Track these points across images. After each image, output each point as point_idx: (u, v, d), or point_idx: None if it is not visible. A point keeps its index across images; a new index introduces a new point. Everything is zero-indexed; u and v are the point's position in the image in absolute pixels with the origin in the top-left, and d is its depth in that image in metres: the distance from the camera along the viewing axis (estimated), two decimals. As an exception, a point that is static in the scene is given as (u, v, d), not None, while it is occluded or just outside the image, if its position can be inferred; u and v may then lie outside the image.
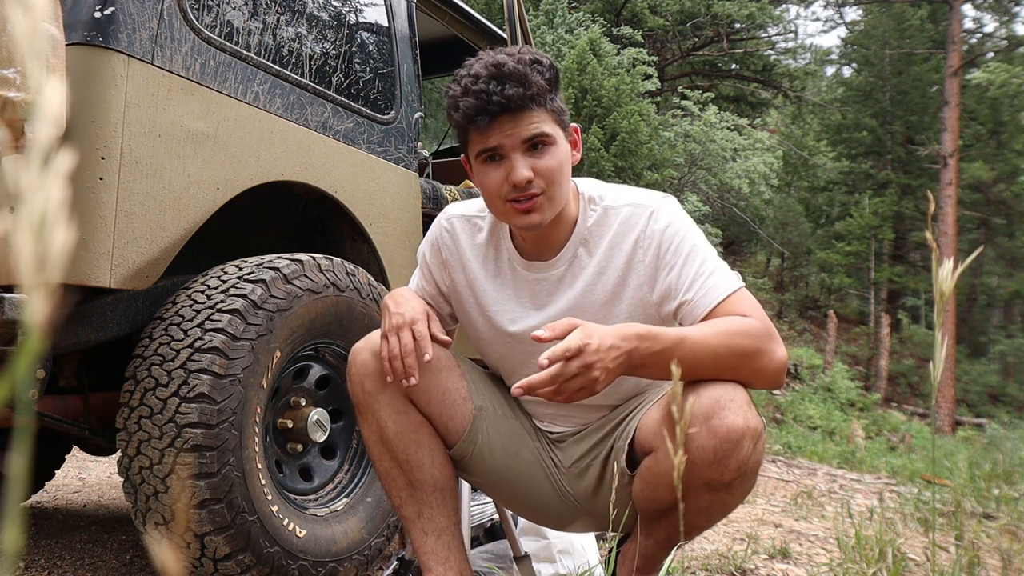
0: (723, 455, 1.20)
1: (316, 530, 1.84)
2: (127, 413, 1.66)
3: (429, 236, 1.59)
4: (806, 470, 6.97)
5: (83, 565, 2.02)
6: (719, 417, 1.20)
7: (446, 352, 1.51)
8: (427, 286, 1.59)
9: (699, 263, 1.33)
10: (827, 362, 16.26)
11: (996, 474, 4.92)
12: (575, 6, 12.95)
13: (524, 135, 1.30)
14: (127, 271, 1.67)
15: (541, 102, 1.31)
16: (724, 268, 1.33)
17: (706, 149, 11.52)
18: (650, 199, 1.40)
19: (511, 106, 1.28)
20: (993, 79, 15.17)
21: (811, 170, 21.61)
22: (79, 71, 1.61)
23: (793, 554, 2.70)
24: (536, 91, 1.29)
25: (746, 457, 1.22)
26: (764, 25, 16.80)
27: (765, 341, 1.26)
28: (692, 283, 1.32)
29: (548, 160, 1.32)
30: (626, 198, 1.42)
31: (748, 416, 1.22)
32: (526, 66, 1.30)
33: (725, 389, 1.23)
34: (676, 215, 1.38)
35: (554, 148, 1.33)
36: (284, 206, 2.39)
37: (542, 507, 1.55)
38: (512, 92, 1.27)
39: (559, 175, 1.33)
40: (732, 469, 1.21)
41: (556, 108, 1.35)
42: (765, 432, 1.29)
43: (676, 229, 1.35)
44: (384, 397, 1.42)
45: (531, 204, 1.33)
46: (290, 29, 2.11)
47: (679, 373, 0.87)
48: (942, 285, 0.82)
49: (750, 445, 1.22)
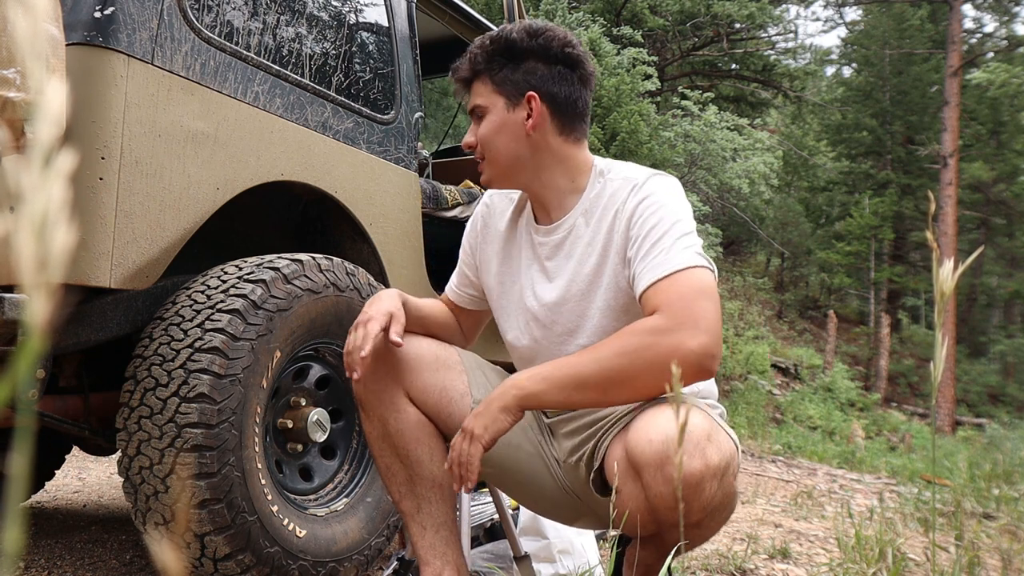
0: (683, 500, 1.16)
1: (316, 530, 1.84)
2: (127, 413, 1.66)
3: (471, 218, 1.68)
4: (806, 470, 6.97)
5: (83, 565, 2.02)
6: (672, 464, 1.15)
7: (448, 349, 1.52)
8: (466, 264, 1.65)
9: (657, 237, 1.29)
10: (827, 362, 16.25)
11: (996, 474, 4.92)
12: (575, 6, 12.95)
13: (469, 106, 1.47)
14: (127, 271, 1.67)
15: (479, 74, 1.44)
16: (681, 247, 1.27)
17: (706, 149, 11.52)
18: (641, 174, 1.40)
19: (458, 77, 1.47)
20: (993, 79, 15.16)
21: (811, 170, 21.59)
22: (79, 71, 1.61)
23: (793, 554, 2.70)
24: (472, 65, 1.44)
25: (710, 497, 1.17)
26: (764, 25, 16.78)
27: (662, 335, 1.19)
28: (644, 257, 1.29)
29: (483, 127, 1.45)
30: (623, 172, 1.43)
31: (707, 455, 1.16)
32: (482, 40, 1.45)
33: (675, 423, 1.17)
34: (658, 190, 1.35)
35: (488, 117, 1.43)
36: (284, 206, 2.39)
37: (547, 500, 1.55)
38: (459, 68, 1.46)
39: (488, 142, 1.44)
40: (696, 511, 1.18)
41: (499, 79, 1.42)
42: (736, 455, 1.24)
43: (651, 202, 1.34)
44: (386, 395, 1.45)
45: (480, 166, 1.48)
46: (290, 29, 2.11)
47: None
48: (942, 285, 0.82)
49: (713, 484, 1.17)
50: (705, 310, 1.20)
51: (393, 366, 1.45)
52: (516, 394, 1.28)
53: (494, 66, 1.42)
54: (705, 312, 1.20)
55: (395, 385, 1.45)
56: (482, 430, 1.28)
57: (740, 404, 11.42)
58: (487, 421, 1.29)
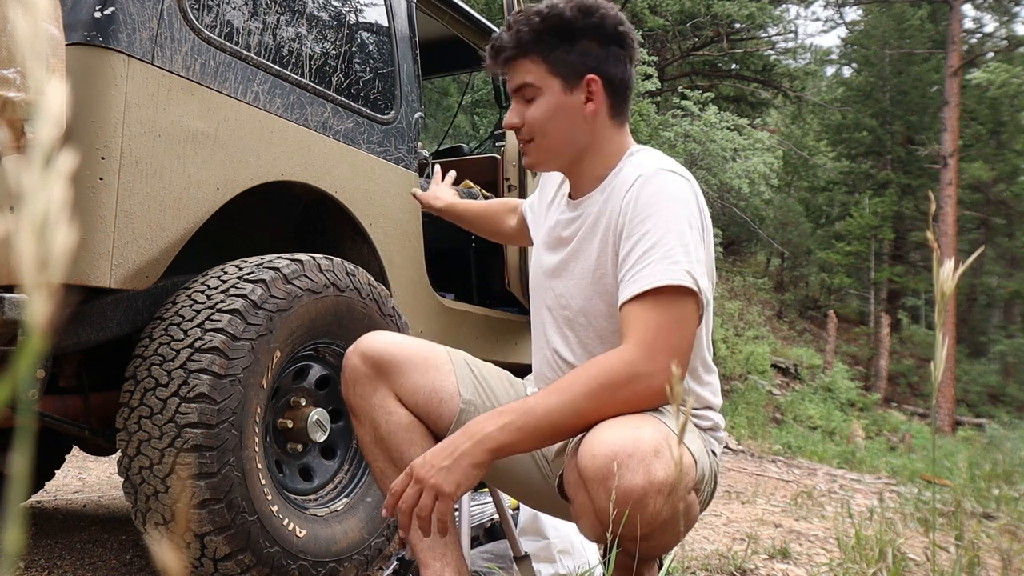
0: (627, 516, 1.12)
1: (316, 530, 1.84)
2: (127, 413, 1.66)
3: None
4: (806, 470, 6.97)
5: (83, 565, 2.02)
6: (613, 478, 1.12)
7: (437, 349, 1.52)
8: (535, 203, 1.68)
9: (648, 246, 1.26)
10: (827, 362, 16.25)
11: (996, 474, 4.92)
12: (575, 6, 12.93)
13: (512, 85, 1.40)
14: (127, 271, 1.67)
15: (526, 53, 1.35)
16: (667, 263, 1.23)
17: (706, 149, 11.51)
18: (652, 164, 1.35)
19: (501, 55, 1.37)
20: (993, 79, 15.16)
21: (811, 170, 21.59)
22: (79, 71, 1.61)
23: (793, 554, 2.70)
24: (514, 42, 1.35)
25: (655, 512, 1.13)
26: (764, 25, 16.77)
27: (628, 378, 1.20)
28: (631, 267, 1.27)
29: (532, 110, 1.38)
30: (640, 157, 1.39)
31: (652, 469, 1.12)
32: (529, 16, 1.35)
33: (623, 441, 1.14)
34: (663, 188, 1.30)
35: (541, 99, 1.36)
36: (284, 206, 2.39)
37: (540, 497, 1.55)
38: (503, 42, 1.37)
39: (544, 126, 1.37)
40: (642, 526, 1.14)
41: (555, 58, 1.34)
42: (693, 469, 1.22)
43: (654, 201, 1.29)
44: (375, 399, 1.45)
45: (524, 147, 1.42)
46: (290, 29, 2.11)
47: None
48: (942, 285, 0.82)
49: (658, 500, 1.12)
50: (676, 345, 1.22)
51: (381, 369, 1.45)
52: (489, 448, 1.21)
53: (546, 45, 1.34)
54: (676, 347, 1.22)
55: (384, 388, 1.45)
56: (454, 487, 1.20)
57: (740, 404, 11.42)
58: (459, 478, 1.21)
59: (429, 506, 1.21)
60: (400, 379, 1.46)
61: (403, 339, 1.51)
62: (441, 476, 1.21)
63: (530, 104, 1.38)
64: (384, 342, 1.48)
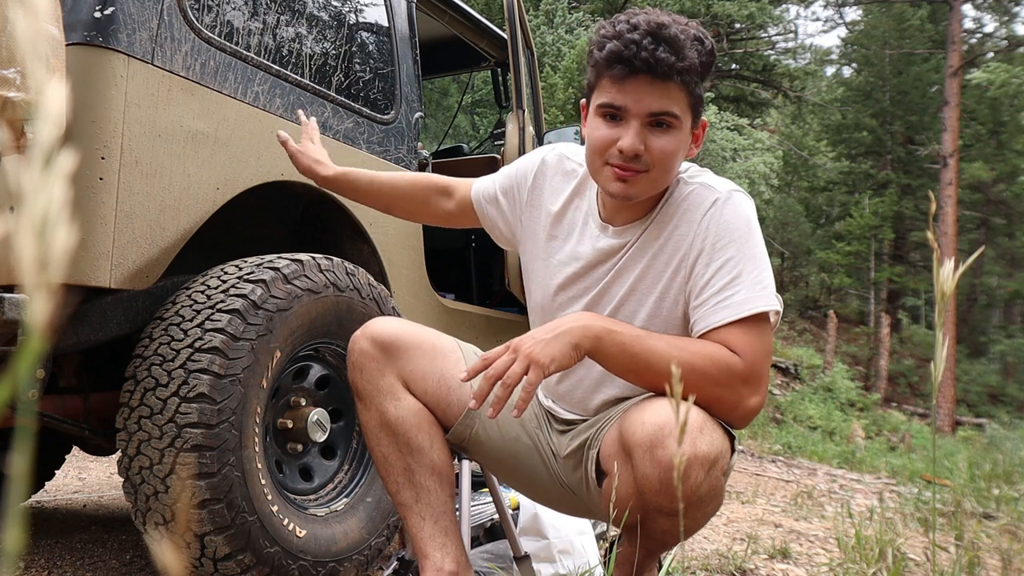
0: (668, 484, 1.16)
1: (316, 530, 1.84)
2: (127, 413, 1.66)
3: (528, 157, 1.56)
4: (806, 470, 6.97)
5: (83, 565, 2.02)
6: (663, 446, 1.16)
7: (446, 337, 1.52)
8: (501, 195, 1.56)
9: (736, 272, 1.26)
10: (827, 362, 16.25)
11: (996, 474, 4.92)
12: (575, 6, 12.93)
13: (654, 107, 1.23)
14: (127, 271, 1.67)
15: (685, 80, 1.23)
16: (759, 288, 1.25)
17: (706, 149, 11.52)
18: (723, 186, 1.33)
19: (656, 70, 1.20)
20: (993, 79, 15.16)
21: (811, 170, 21.60)
22: (79, 71, 1.61)
23: (793, 554, 2.70)
24: (686, 67, 1.21)
25: (695, 485, 1.17)
26: (764, 25, 16.78)
27: (736, 383, 1.22)
28: (718, 292, 1.26)
29: (666, 141, 1.26)
30: (701, 178, 1.36)
31: (697, 443, 1.17)
32: (688, 39, 1.22)
33: (672, 413, 1.17)
34: (740, 212, 1.29)
35: (677, 132, 1.26)
36: (284, 206, 2.39)
37: (542, 491, 1.55)
38: (663, 56, 1.19)
39: (671, 160, 1.28)
40: (681, 497, 1.16)
41: (696, 94, 1.27)
42: (728, 454, 1.24)
43: (735, 225, 1.28)
44: (383, 383, 1.43)
45: (628, 175, 1.27)
46: (290, 29, 2.11)
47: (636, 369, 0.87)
48: (942, 285, 0.82)
49: (700, 473, 1.17)
50: (767, 372, 1.27)
51: (390, 352, 1.44)
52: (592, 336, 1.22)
53: (695, 78, 1.24)
54: (766, 374, 1.26)
55: (392, 373, 1.43)
56: (548, 360, 1.20)
57: (740, 404, 11.39)
58: (556, 353, 1.20)
59: (519, 374, 1.20)
60: (409, 364, 1.44)
61: (412, 325, 1.49)
62: (539, 348, 1.21)
63: (662, 133, 1.25)
64: (394, 326, 1.47)
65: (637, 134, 1.24)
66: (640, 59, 1.20)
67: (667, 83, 1.22)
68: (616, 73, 1.23)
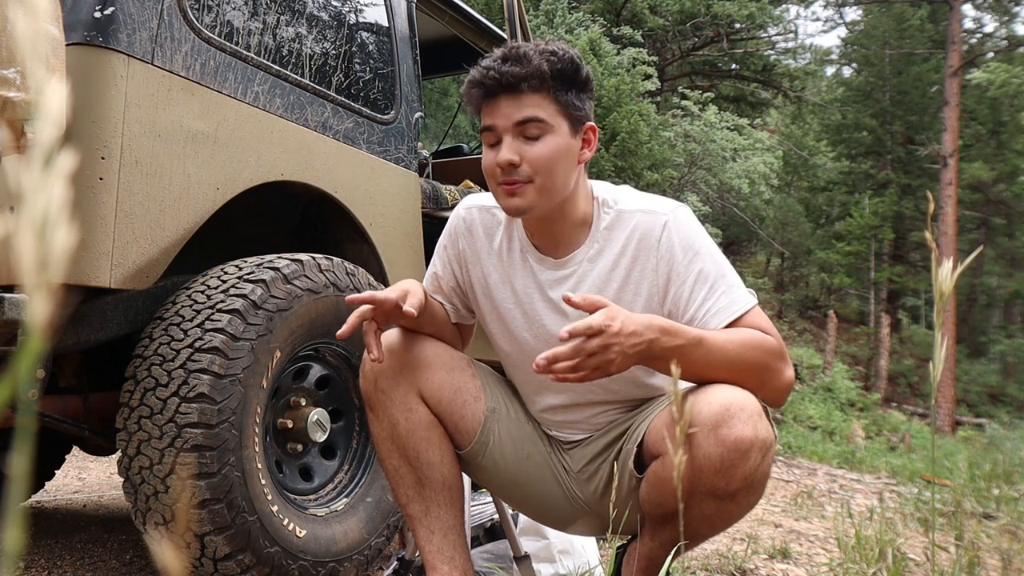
0: (730, 464, 1.19)
1: (316, 530, 1.84)
2: (127, 413, 1.66)
3: (448, 225, 1.57)
4: (806, 470, 6.97)
5: (83, 565, 2.02)
6: (728, 426, 1.19)
7: (458, 353, 1.51)
8: (443, 276, 1.56)
9: (712, 281, 1.32)
10: (827, 362, 16.25)
11: (996, 474, 4.92)
12: (575, 6, 12.93)
13: (515, 116, 1.30)
14: (127, 271, 1.67)
15: (539, 87, 1.29)
16: (738, 285, 1.34)
17: (706, 149, 11.51)
18: (664, 207, 1.38)
19: (503, 82, 1.29)
20: (993, 79, 15.16)
21: (811, 170, 21.59)
22: (79, 71, 1.61)
23: (793, 554, 2.70)
24: (530, 72, 1.28)
25: (753, 468, 1.21)
26: (764, 25, 16.78)
27: (777, 359, 1.29)
28: (703, 301, 1.32)
29: (540, 147, 1.30)
30: (638, 203, 1.40)
31: (758, 427, 1.21)
32: (537, 53, 1.30)
33: (736, 396, 1.22)
34: (690, 226, 1.37)
35: (551, 137, 1.31)
36: (284, 206, 2.39)
37: (549, 509, 1.56)
38: (507, 70, 1.28)
39: (550, 165, 1.30)
40: (738, 479, 1.21)
41: (565, 101, 1.32)
42: (776, 444, 1.28)
43: (691, 242, 1.35)
44: (396, 395, 1.43)
45: (515, 188, 1.31)
46: (290, 29, 2.11)
47: (678, 373, 0.88)
48: (942, 285, 0.82)
49: (758, 456, 1.21)
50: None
51: (407, 363, 1.43)
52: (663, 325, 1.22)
53: (560, 84, 1.31)
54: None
55: (408, 382, 1.42)
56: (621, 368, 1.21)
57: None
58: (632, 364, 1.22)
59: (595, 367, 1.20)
60: (425, 374, 1.44)
61: (426, 337, 1.48)
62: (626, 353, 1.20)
63: (534, 142, 1.31)
64: (409, 338, 1.46)
65: (509, 146, 1.30)
66: (491, 78, 1.30)
67: (521, 94, 1.29)
68: (477, 96, 1.33)
